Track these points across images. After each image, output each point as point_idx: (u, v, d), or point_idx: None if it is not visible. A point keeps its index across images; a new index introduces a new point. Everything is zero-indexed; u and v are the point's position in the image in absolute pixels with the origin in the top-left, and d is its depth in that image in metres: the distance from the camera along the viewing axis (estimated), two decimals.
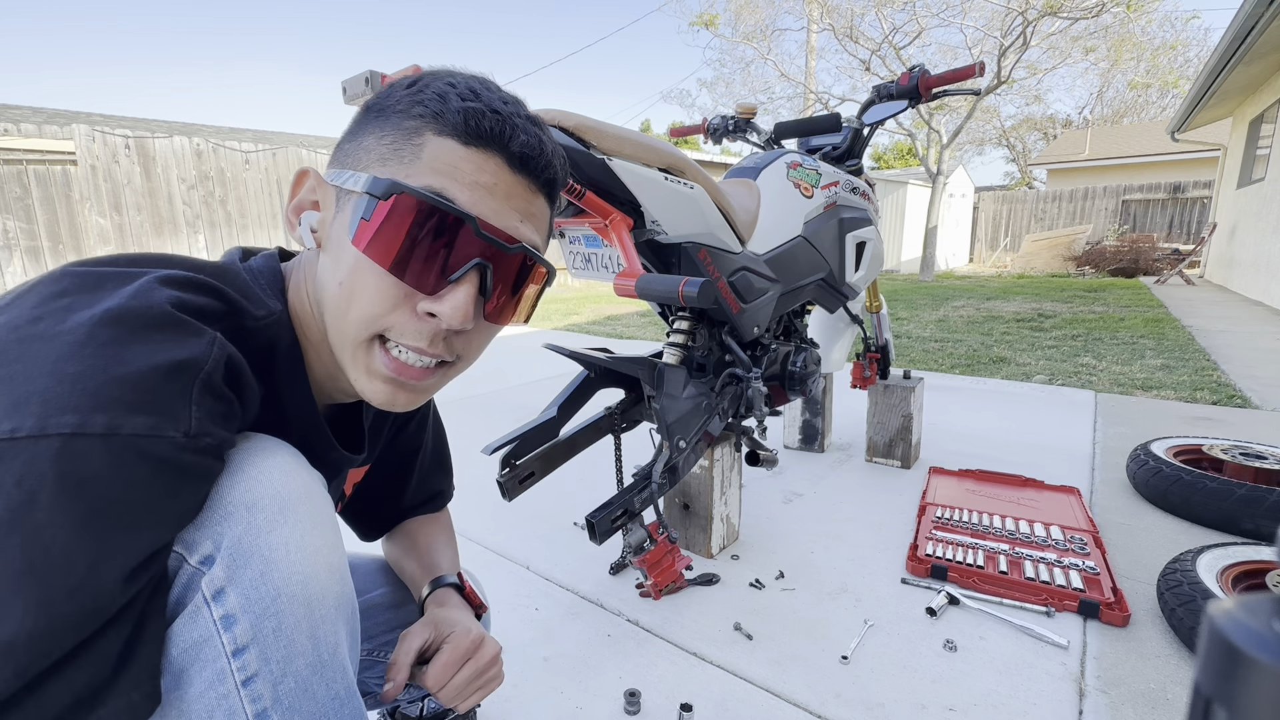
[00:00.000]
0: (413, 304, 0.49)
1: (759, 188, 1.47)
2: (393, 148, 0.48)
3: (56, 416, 0.35)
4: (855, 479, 1.99)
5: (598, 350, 1.30)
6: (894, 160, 31.00)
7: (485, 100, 0.49)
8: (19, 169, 5.30)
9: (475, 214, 0.48)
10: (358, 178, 0.48)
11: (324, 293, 0.50)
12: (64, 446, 0.35)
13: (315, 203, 0.52)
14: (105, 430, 0.36)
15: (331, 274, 0.49)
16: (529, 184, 0.52)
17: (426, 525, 0.83)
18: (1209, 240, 9.26)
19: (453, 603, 0.71)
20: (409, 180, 0.47)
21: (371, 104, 0.51)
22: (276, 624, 0.42)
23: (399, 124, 0.48)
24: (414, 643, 0.62)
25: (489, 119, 0.48)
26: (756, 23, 12.30)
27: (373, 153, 0.49)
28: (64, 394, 0.35)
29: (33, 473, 0.34)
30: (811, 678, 1.09)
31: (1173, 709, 1.01)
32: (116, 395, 0.36)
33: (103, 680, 0.37)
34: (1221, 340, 4.23)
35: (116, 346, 0.37)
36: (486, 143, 0.49)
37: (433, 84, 0.49)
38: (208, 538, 0.42)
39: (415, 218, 0.46)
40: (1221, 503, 1.57)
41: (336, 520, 0.50)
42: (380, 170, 0.48)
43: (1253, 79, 7.09)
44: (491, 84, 0.52)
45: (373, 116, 0.50)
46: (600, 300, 7.99)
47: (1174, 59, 17.00)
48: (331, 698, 0.46)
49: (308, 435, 0.55)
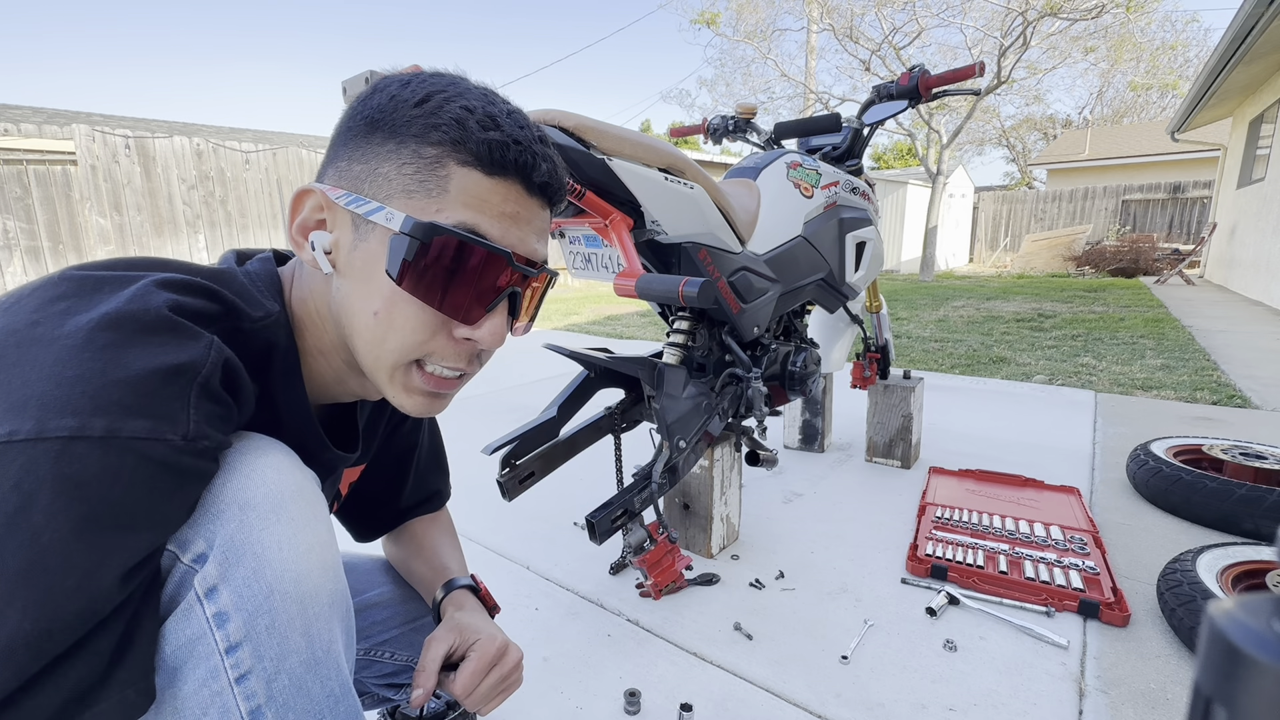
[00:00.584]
0: (450, 330, 0.52)
1: (759, 188, 1.47)
2: (416, 179, 0.48)
3: (55, 419, 0.35)
4: (855, 479, 1.99)
5: (598, 350, 1.30)
6: (894, 160, 31.01)
7: (506, 130, 0.49)
8: (19, 169, 5.30)
9: (506, 246, 0.51)
10: (392, 215, 0.48)
11: (354, 319, 0.51)
12: (63, 449, 0.35)
13: (321, 221, 0.51)
14: (104, 433, 0.36)
15: (362, 302, 0.50)
16: (541, 203, 0.54)
17: (429, 527, 0.83)
18: (1209, 240, 9.26)
19: (469, 605, 0.71)
20: (441, 218, 0.48)
21: (377, 118, 0.49)
22: (270, 621, 0.43)
23: (417, 151, 0.48)
24: (439, 649, 0.63)
25: (513, 151, 0.49)
26: (757, 22, 12.31)
27: (394, 183, 0.49)
28: (62, 397, 0.35)
29: (31, 475, 0.34)
30: (811, 678, 1.09)
31: (1173, 709, 1.01)
32: (115, 398, 0.36)
33: (96, 678, 0.38)
34: (1221, 340, 4.23)
35: (115, 350, 0.37)
36: (510, 173, 0.50)
37: (446, 106, 0.49)
38: (200, 536, 0.42)
39: (456, 257, 0.49)
40: (1221, 503, 1.57)
41: (330, 518, 0.51)
42: (408, 203, 0.48)
43: (1253, 79, 7.09)
44: (498, 100, 0.52)
45: (383, 135, 0.49)
46: (600, 300, 7.99)
47: (1174, 59, 17.02)
48: (326, 695, 0.46)
49: (301, 435, 0.55)
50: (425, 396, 0.54)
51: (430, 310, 0.50)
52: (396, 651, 0.79)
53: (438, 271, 0.48)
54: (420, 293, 0.49)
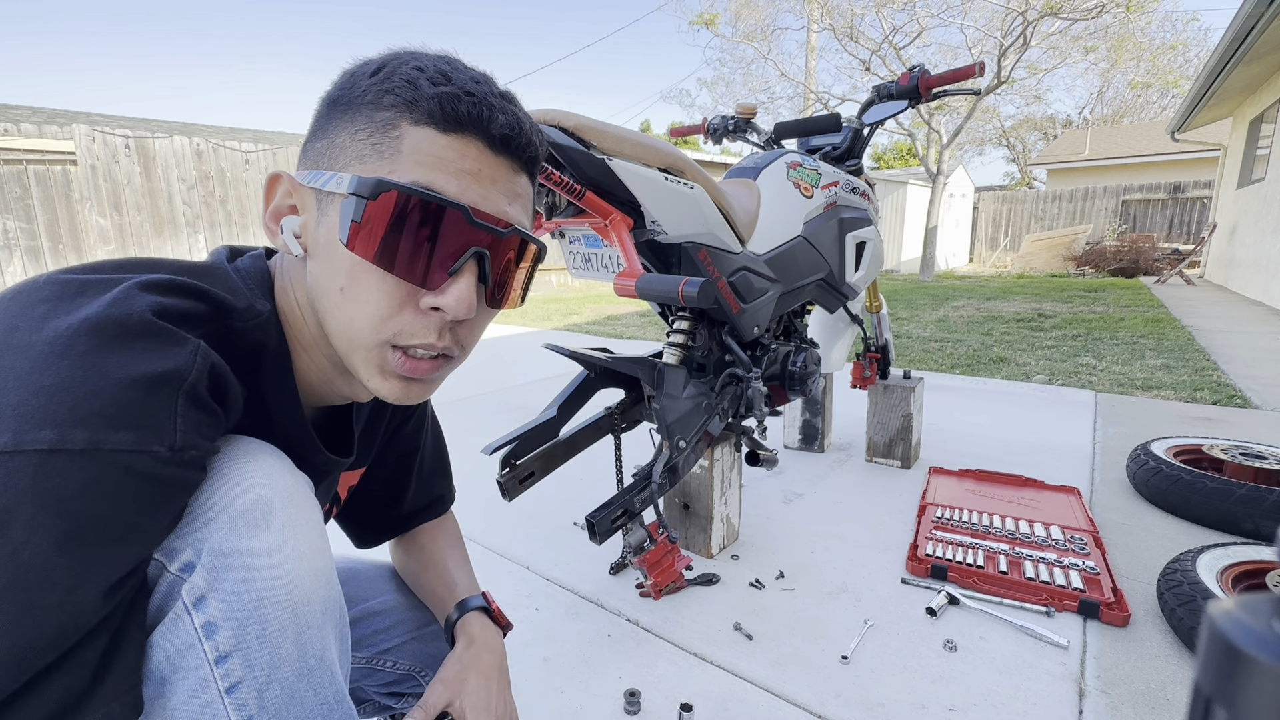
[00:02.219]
0: (416, 300, 0.49)
1: (759, 188, 1.47)
2: (370, 143, 0.46)
3: (33, 431, 0.33)
4: (855, 479, 1.99)
5: (598, 350, 1.30)
6: (894, 160, 31.01)
7: (458, 83, 0.47)
8: (19, 169, 5.30)
9: (465, 202, 0.48)
10: (340, 179, 0.46)
11: (323, 300, 0.49)
12: (42, 463, 0.33)
13: (292, 207, 0.50)
14: (86, 446, 0.34)
15: (329, 280, 0.48)
16: (511, 164, 0.51)
17: (437, 538, 0.81)
18: (1209, 240, 9.26)
19: (476, 632, 0.69)
20: (394, 176, 0.46)
21: (336, 96, 0.48)
22: (260, 630, 0.42)
23: (371, 116, 0.47)
24: (440, 699, 0.62)
25: (465, 103, 0.47)
26: (756, 22, 12.30)
27: (349, 150, 0.47)
28: (39, 408, 0.34)
29: (8, 490, 0.33)
30: (811, 678, 1.09)
31: (1173, 709, 1.01)
32: (96, 409, 0.35)
33: (80, 692, 0.37)
34: (1221, 340, 4.23)
35: (95, 357, 0.36)
36: (465, 128, 0.47)
37: (399, 70, 0.47)
38: (188, 545, 0.41)
39: (407, 214, 0.46)
40: (1221, 503, 1.57)
41: (323, 523, 0.50)
42: (361, 168, 0.46)
43: (1253, 79, 7.09)
44: (458, 63, 0.50)
45: (340, 110, 0.48)
46: (600, 300, 7.99)
47: (1174, 59, 17.00)
48: (320, 703, 0.45)
49: (292, 438, 0.53)
50: (401, 381, 0.51)
51: (391, 279, 0.47)
52: (399, 660, 0.78)
53: (392, 233, 0.46)
54: (375, 256, 0.46)
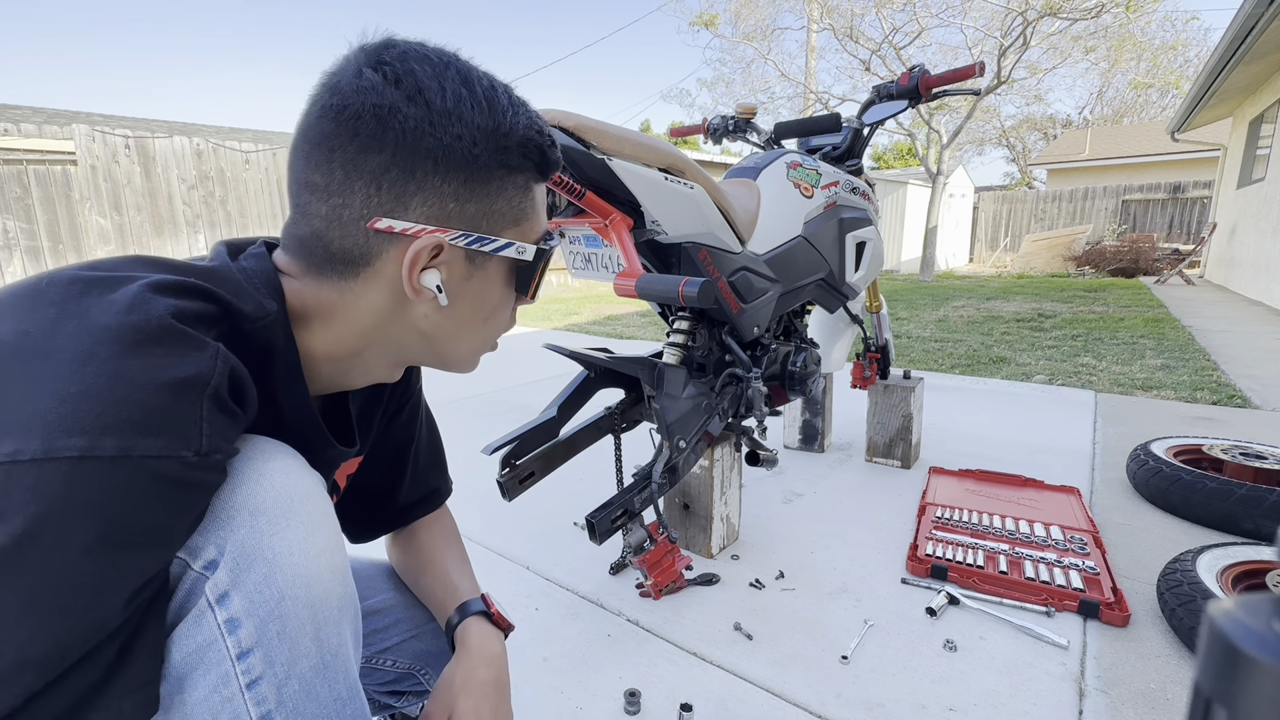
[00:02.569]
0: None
1: (759, 188, 1.47)
2: (521, 208, 0.55)
3: (62, 439, 0.33)
4: (855, 479, 1.99)
5: (598, 350, 1.30)
6: (894, 160, 31.00)
7: (546, 131, 0.55)
8: (19, 169, 5.30)
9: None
10: (524, 249, 0.56)
11: (459, 332, 0.58)
12: (72, 470, 0.34)
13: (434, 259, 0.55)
14: (116, 453, 0.35)
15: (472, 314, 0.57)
16: None
17: (436, 537, 0.81)
18: (1209, 240, 9.26)
19: (473, 642, 0.69)
20: (535, 232, 0.58)
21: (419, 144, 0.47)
22: (281, 626, 0.43)
23: (506, 180, 0.53)
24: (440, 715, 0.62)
25: (552, 153, 0.56)
26: (756, 22, 12.31)
27: (506, 216, 0.55)
28: (68, 415, 0.34)
29: (39, 497, 0.33)
30: (811, 678, 1.09)
31: (1173, 709, 1.01)
32: (124, 416, 0.35)
33: (94, 687, 0.37)
34: (1221, 340, 4.23)
35: (118, 363, 0.36)
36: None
37: (516, 128, 0.52)
38: (211, 543, 0.42)
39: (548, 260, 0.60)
40: (1221, 503, 1.57)
41: (337, 521, 0.50)
42: (517, 232, 0.56)
43: (1253, 79, 7.09)
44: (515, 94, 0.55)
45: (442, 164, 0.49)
46: (600, 300, 7.99)
47: (1174, 59, 17.00)
48: (335, 699, 0.46)
49: (304, 433, 0.54)
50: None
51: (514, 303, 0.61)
52: (398, 659, 0.78)
53: (539, 276, 0.60)
54: (531, 295, 0.61)
